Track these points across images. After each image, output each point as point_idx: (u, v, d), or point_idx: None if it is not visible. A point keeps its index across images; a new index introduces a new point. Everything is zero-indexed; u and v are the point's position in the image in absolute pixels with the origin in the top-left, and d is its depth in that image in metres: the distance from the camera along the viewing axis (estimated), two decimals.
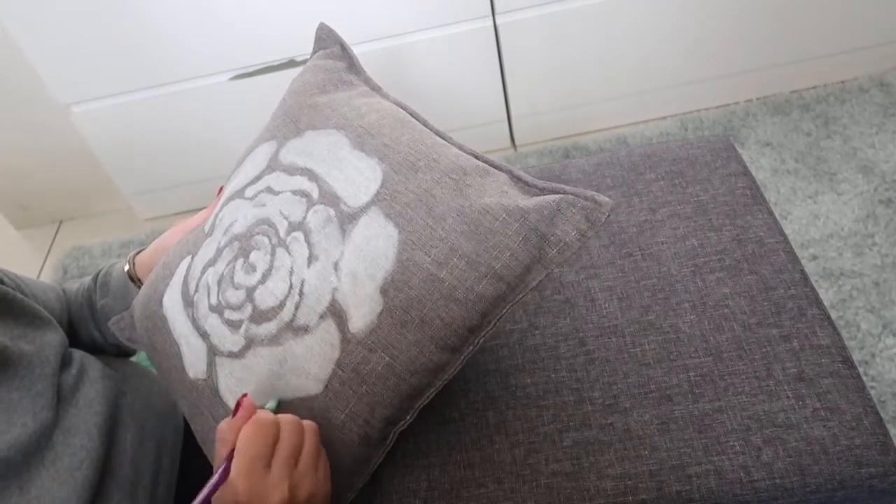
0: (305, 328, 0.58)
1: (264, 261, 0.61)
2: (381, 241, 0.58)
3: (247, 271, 0.62)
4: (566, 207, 0.57)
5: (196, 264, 0.66)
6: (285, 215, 0.62)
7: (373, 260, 0.57)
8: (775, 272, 0.74)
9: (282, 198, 0.63)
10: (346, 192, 0.60)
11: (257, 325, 0.60)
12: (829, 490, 0.61)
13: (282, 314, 0.59)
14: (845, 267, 1.27)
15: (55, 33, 1.37)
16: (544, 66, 1.53)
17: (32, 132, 1.64)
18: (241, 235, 0.64)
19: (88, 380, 0.66)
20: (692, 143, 0.90)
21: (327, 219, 0.60)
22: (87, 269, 1.69)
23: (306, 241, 0.60)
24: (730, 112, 1.62)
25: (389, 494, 0.68)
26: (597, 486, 0.64)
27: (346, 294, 0.57)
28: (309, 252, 0.59)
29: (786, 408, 0.65)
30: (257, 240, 0.62)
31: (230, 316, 0.61)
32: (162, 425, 0.73)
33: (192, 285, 0.65)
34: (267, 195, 0.64)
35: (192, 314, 0.64)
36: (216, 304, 0.63)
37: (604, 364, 0.71)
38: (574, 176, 0.90)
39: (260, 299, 0.60)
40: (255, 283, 0.61)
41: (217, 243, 0.66)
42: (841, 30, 1.52)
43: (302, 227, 0.60)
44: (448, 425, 0.70)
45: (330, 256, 0.58)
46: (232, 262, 0.63)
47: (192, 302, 0.65)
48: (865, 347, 1.16)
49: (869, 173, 1.41)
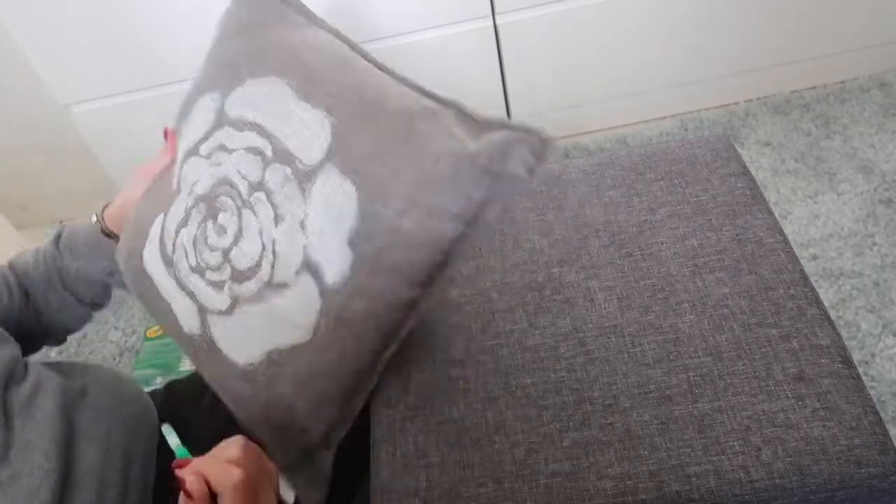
0: (284, 284, 0.61)
1: (233, 222, 0.63)
2: (340, 197, 0.60)
3: (218, 233, 0.64)
4: (513, 145, 0.59)
5: (169, 224, 0.69)
6: (243, 175, 0.64)
7: (336, 217, 0.60)
8: (775, 272, 0.74)
9: (236, 156, 0.65)
10: (299, 149, 0.62)
11: (239, 284, 0.63)
12: (829, 490, 0.61)
13: (260, 273, 0.62)
14: (845, 267, 1.27)
15: (55, 33, 1.37)
16: (544, 66, 1.53)
17: (32, 132, 1.64)
18: (205, 196, 0.66)
19: (44, 393, 0.64)
20: (692, 143, 0.90)
21: (285, 178, 0.62)
22: None
23: (269, 201, 0.62)
24: (730, 112, 1.61)
25: (389, 494, 0.68)
26: (596, 486, 0.64)
27: (317, 250, 0.60)
28: (274, 213, 0.62)
29: (785, 408, 0.65)
30: (222, 201, 0.64)
31: (212, 277, 0.64)
32: (130, 435, 0.70)
33: (169, 245, 0.68)
34: (221, 153, 0.66)
35: (174, 274, 0.67)
36: (195, 265, 0.65)
37: (603, 364, 0.71)
38: (574, 176, 0.90)
39: (237, 260, 0.63)
40: (229, 245, 0.63)
41: (185, 204, 0.68)
42: (841, 30, 1.52)
43: (262, 187, 0.63)
44: (448, 425, 0.70)
45: (295, 216, 0.61)
46: (202, 223, 0.65)
47: (171, 261, 0.67)
48: (865, 347, 1.16)
49: (869, 173, 1.41)
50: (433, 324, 0.79)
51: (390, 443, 0.71)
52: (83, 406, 0.67)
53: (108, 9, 1.35)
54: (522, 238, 0.84)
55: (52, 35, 1.37)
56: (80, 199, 1.81)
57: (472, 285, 0.81)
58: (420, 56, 1.49)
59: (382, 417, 0.73)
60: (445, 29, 1.44)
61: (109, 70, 1.44)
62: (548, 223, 0.85)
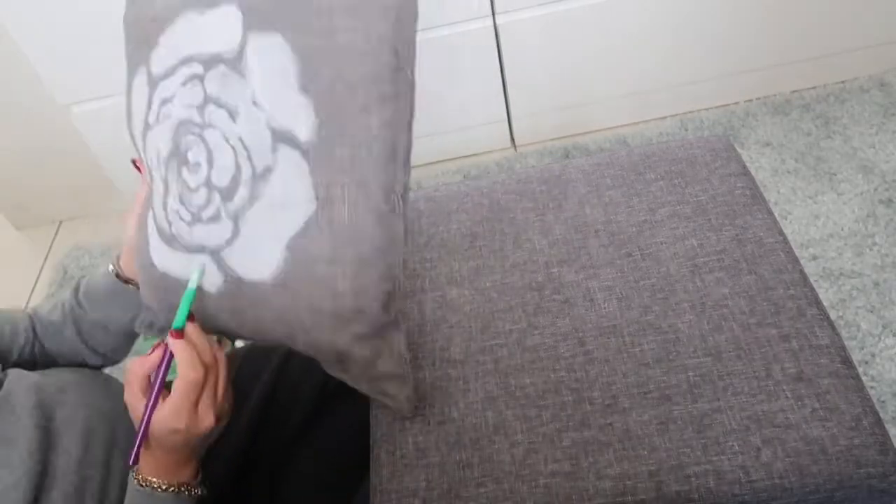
0: (268, 168, 0.60)
1: (201, 150, 0.62)
2: (273, 51, 0.59)
3: (194, 171, 0.63)
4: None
5: (157, 209, 0.68)
6: (189, 104, 0.63)
7: (278, 72, 0.59)
8: (775, 272, 0.74)
9: (178, 97, 0.64)
10: (221, 45, 0.61)
11: (230, 200, 0.62)
12: (828, 490, 0.61)
13: (243, 175, 0.61)
14: (845, 267, 1.27)
15: (55, 33, 1.37)
16: (544, 66, 1.53)
17: (32, 132, 1.64)
18: (172, 152, 0.65)
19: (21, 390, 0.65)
20: (692, 143, 0.90)
21: (222, 75, 0.61)
22: (87, 269, 1.69)
23: (219, 106, 0.61)
24: (730, 112, 1.61)
25: (389, 494, 0.68)
26: (596, 486, 0.64)
27: (278, 116, 0.59)
28: (227, 111, 0.61)
29: (785, 408, 0.65)
30: (185, 141, 0.63)
31: (207, 214, 0.63)
32: (111, 428, 0.70)
33: (165, 225, 0.67)
34: (165, 106, 0.65)
35: (179, 245, 0.66)
36: (191, 217, 0.64)
37: (603, 364, 0.71)
38: (574, 176, 0.90)
39: (218, 180, 0.62)
40: (206, 173, 0.62)
41: (161, 177, 0.66)
42: (841, 30, 1.52)
43: (209, 99, 0.62)
44: (448, 425, 0.70)
45: (245, 100, 0.60)
46: (179, 176, 0.64)
47: (173, 236, 0.66)
48: (865, 347, 1.16)
49: (869, 173, 1.41)
50: (433, 324, 0.79)
51: (390, 443, 0.71)
52: (61, 402, 0.68)
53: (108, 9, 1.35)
54: (522, 238, 0.84)
55: (52, 35, 1.37)
56: (80, 199, 1.81)
57: (472, 285, 0.81)
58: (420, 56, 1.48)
59: (382, 417, 0.73)
60: (445, 29, 1.44)
61: (109, 70, 1.44)
62: (548, 223, 0.85)
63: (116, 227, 1.86)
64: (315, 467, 0.84)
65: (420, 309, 0.80)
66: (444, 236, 0.87)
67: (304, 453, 0.84)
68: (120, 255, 0.77)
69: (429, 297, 0.81)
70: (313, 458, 0.84)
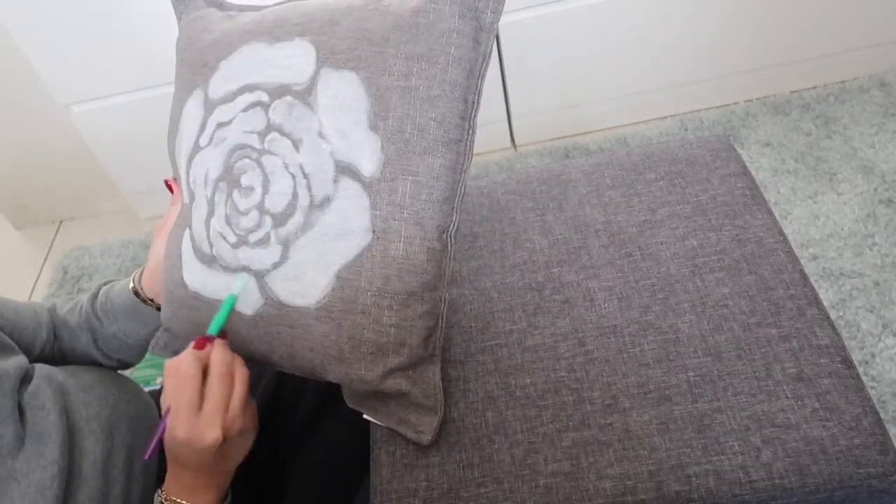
0: (327, 198, 0.61)
1: (256, 176, 0.63)
2: (346, 87, 0.60)
3: (246, 195, 0.63)
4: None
5: (197, 229, 0.67)
6: (250, 130, 0.64)
7: (348, 108, 0.60)
8: (775, 272, 0.74)
9: (237, 121, 0.64)
10: (291, 76, 0.63)
11: (283, 226, 0.62)
12: (829, 490, 0.61)
13: (300, 202, 0.61)
14: (845, 267, 1.27)
15: (55, 33, 1.37)
16: (544, 66, 1.53)
17: (32, 132, 1.64)
18: (222, 175, 0.65)
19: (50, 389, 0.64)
20: (692, 143, 0.90)
21: (289, 105, 0.62)
22: (87, 269, 1.69)
23: (283, 134, 0.62)
24: (730, 112, 1.61)
25: (389, 494, 0.68)
26: (596, 486, 0.64)
27: (343, 149, 0.60)
28: (291, 141, 0.62)
29: (785, 408, 0.65)
30: (240, 165, 0.64)
31: (255, 237, 0.63)
32: (133, 432, 0.71)
33: (205, 245, 0.66)
34: (221, 130, 0.65)
35: (218, 266, 0.66)
36: (236, 240, 0.64)
37: (603, 364, 0.71)
38: (574, 176, 0.90)
39: (272, 205, 0.62)
40: (260, 198, 0.63)
41: (205, 198, 0.66)
42: (841, 30, 1.52)
43: (271, 127, 0.63)
44: (448, 425, 0.70)
45: (311, 131, 0.61)
46: (228, 198, 0.64)
47: (213, 258, 0.66)
48: (865, 347, 1.16)
49: (869, 173, 1.41)
50: None
51: (390, 443, 0.71)
52: (86, 403, 0.68)
53: (108, 9, 1.35)
54: (522, 238, 0.84)
55: (52, 35, 1.37)
56: (80, 199, 1.81)
57: (472, 285, 0.81)
58: None
59: None
60: None
61: (109, 70, 1.44)
62: (548, 223, 0.85)
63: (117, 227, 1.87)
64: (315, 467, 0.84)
65: None
66: None
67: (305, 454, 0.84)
68: (142, 273, 0.76)
69: None
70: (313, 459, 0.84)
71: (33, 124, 1.62)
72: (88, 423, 0.66)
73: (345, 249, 0.61)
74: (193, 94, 0.69)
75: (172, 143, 0.73)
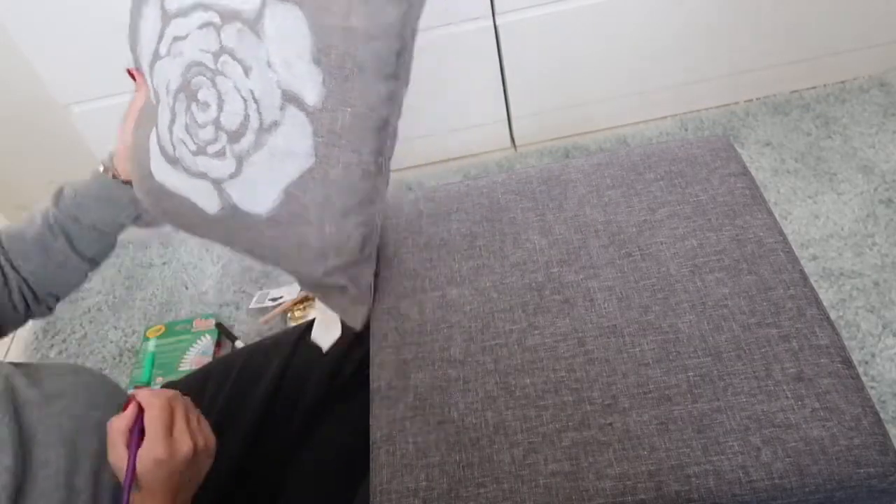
0: (275, 123, 0.67)
1: (211, 94, 0.69)
2: (290, 21, 0.65)
3: (203, 109, 0.70)
4: None
5: (162, 131, 0.74)
6: (204, 49, 0.69)
7: (293, 41, 0.65)
8: (774, 272, 0.74)
9: (192, 38, 0.70)
10: (240, 2, 0.67)
11: (237, 142, 0.69)
12: (828, 490, 0.61)
13: (251, 123, 0.68)
14: (845, 267, 1.27)
15: (55, 33, 1.37)
16: (544, 66, 1.53)
17: (32, 132, 1.64)
18: (181, 87, 0.71)
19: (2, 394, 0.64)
20: (692, 143, 0.90)
21: (239, 32, 0.67)
22: None
23: (234, 59, 0.67)
24: (730, 112, 1.61)
25: (389, 494, 0.68)
26: (596, 486, 0.64)
27: (288, 80, 0.66)
28: (241, 67, 0.67)
29: (785, 408, 0.65)
30: (196, 81, 0.70)
31: (213, 149, 0.71)
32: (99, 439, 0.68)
33: (169, 147, 0.74)
34: (178, 44, 0.71)
35: (183, 167, 0.74)
36: (196, 148, 0.72)
37: (603, 364, 0.71)
38: (574, 176, 0.90)
39: (227, 123, 0.69)
40: (216, 114, 0.70)
41: (168, 105, 0.73)
42: (841, 30, 1.52)
43: (224, 50, 0.68)
44: (447, 425, 0.70)
45: (259, 59, 0.66)
46: (187, 109, 0.71)
47: (176, 159, 0.73)
48: (865, 347, 1.16)
49: (869, 173, 1.41)
50: (433, 324, 0.79)
51: (390, 443, 0.71)
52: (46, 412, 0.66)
53: (107, 9, 1.35)
54: (522, 238, 0.84)
55: (52, 35, 1.37)
56: None
57: (472, 285, 0.81)
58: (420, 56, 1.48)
59: (382, 417, 0.73)
60: (445, 29, 1.45)
61: (109, 70, 1.44)
62: (548, 223, 0.85)
63: None
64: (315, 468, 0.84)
65: (420, 309, 0.81)
66: (444, 236, 0.87)
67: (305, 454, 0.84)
68: (112, 157, 0.83)
69: (429, 297, 0.81)
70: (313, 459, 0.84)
71: (33, 124, 1.62)
72: (46, 432, 0.65)
73: (291, 169, 0.69)
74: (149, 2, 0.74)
75: (133, 44, 0.79)
